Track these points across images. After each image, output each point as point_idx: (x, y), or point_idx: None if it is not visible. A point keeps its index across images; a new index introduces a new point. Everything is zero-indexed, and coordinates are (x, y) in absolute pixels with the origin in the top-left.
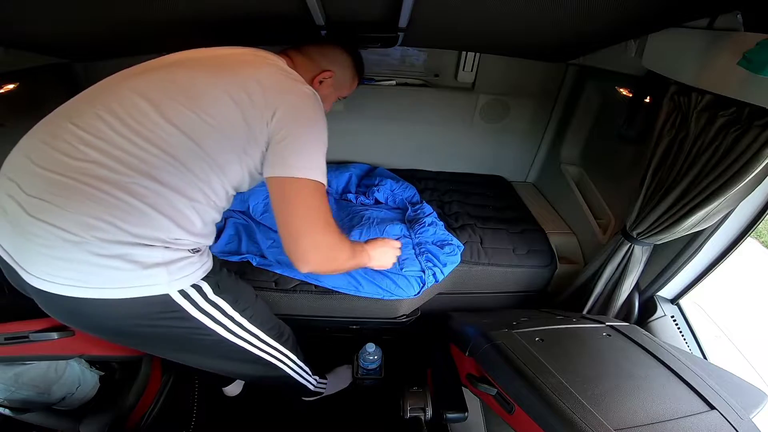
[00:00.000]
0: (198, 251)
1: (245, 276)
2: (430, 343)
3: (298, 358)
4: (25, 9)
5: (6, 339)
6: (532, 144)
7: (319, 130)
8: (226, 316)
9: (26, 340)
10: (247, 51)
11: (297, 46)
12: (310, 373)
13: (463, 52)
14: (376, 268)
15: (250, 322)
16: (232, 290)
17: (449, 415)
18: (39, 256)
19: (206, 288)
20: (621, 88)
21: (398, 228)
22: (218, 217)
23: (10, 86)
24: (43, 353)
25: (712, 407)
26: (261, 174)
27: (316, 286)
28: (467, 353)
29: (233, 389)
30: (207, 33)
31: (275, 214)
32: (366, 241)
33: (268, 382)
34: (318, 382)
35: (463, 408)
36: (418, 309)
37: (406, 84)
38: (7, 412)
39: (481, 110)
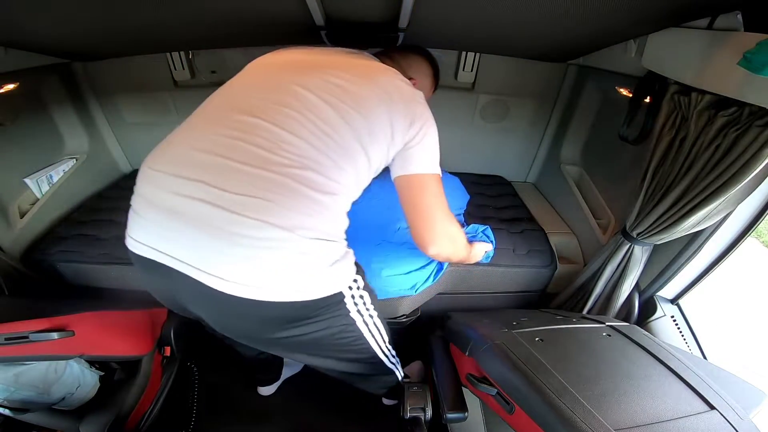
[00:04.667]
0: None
1: None
2: (430, 343)
3: (395, 356)
4: (26, 10)
5: (6, 339)
6: (532, 144)
7: (436, 129)
8: (367, 311)
9: (26, 340)
10: (365, 57)
11: (385, 52)
12: (400, 369)
13: (463, 52)
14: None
15: (378, 319)
16: (368, 285)
17: (449, 415)
18: (239, 257)
19: (360, 281)
20: (621, 88)
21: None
22: None
23: (10, 86)
24: (43, 353)
25: (712, 407)
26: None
27: None
28: (467, 353)
29: (268, 390)
30: (208, 33)
31: (406, 207)
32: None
33: (365, 381)
34: (402, 378)
35: (463, 408)
36: (418, 309)
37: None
38: (6, 412)
39: (481, 110)
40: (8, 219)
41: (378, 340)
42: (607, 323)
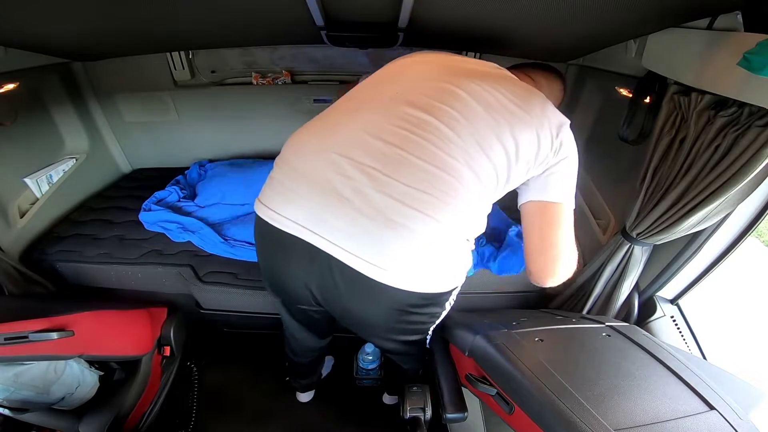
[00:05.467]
0: None
1: (241, 275)
2: (429, 343)
3: None
4: (26, 10)
5: (6, 339)
6: None
7: (577, 160)
8: (453, 302)
9: (26, 340)
10: (509, 72)
11: (523, 68)
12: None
13: (463, 52)
14: None
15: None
16: None
17: (449, 415)
18: (400, 248)
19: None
20: (621, 88)
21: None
22: None
23: (11, 86)
24: (43, 353)
25: (712, 407)
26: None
27: None
28: (467, 353)
29: (307, 396)
30: (208, 33)
31: (533, 235)
32: None
33: (407, 359)
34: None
35: (462, 408)
36: None
37: None
38: (6, 412)
39: None
40: (8, 219)
41: (434, 326)
42: (606, 323)
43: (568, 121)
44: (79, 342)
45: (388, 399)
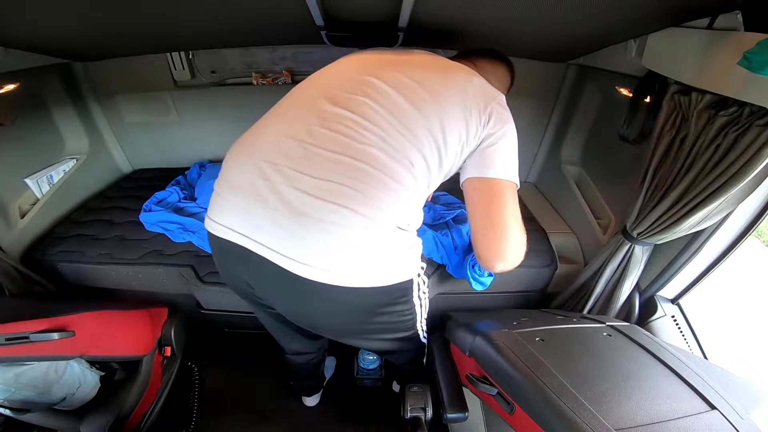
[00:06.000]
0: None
1: None
2: (430, 343)
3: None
4: (25, 10)
5: (6, 339)
6: (532, 144)
7: (516, 136)
8: (424, 295)
9: (26, 340)
10: (444, 58)
11: (463, 54)
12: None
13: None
14: None
15: (427, 299)
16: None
17: (449, 415)
18: (323, 243)
19: (425, 268)
20: (621, 88)
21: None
22: None
23: (10, 86)
24: (44, 354)
25: (713, 407)
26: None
27: None
28: (467, 353)
29: (314, 400)
30: (208, 33)
31: (475, 214)
32: None
33: (398, 355)
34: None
35: (463, 408)
36: None
37: None
38: (7, 412)
39: None
40: (8, 219)
41: (422, 317)
42: (607, 323)
43: (499, 95)
44: (79, 342)
45: (397, 387)
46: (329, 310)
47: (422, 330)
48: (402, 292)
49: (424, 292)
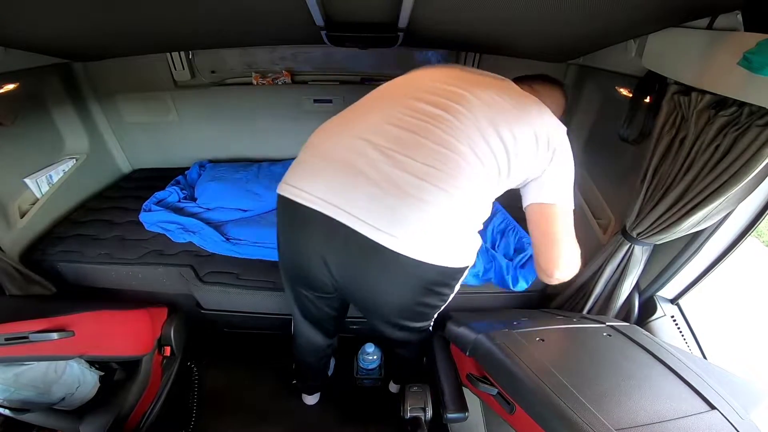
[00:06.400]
0: None
1: (242, 275)
2: (430, 343)
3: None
4: (25, 10)
5: (6, 339)
6: None
7: (573, 166)
8: (459, 287)
9: (26, 340)
10: (512, 84)
11: (524, 80)
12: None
13: (463, 52)
14: None
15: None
16: None
17: (449, 415)
18: (415, 219)
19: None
20: (621, 88)
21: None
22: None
23: (10, 86)
24: (43, 354)
25: (713, 407)
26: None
27: None
28: (468, 353)
29: (314, 399)
30: (208, 33)
31: (536, 233)
32: None
33: (408, 347)
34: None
35: (463, 408)
36: None
37: None
38: (7, 412)
39: None
40: (8, 219)
41: (438, 311)
42: (607, 323)
43: (564, 128)
44: (79, 342)
45: (394, 387)
46: (395, 283)
47: (432, 322)
48: (455, 276)
49: (460, 285)
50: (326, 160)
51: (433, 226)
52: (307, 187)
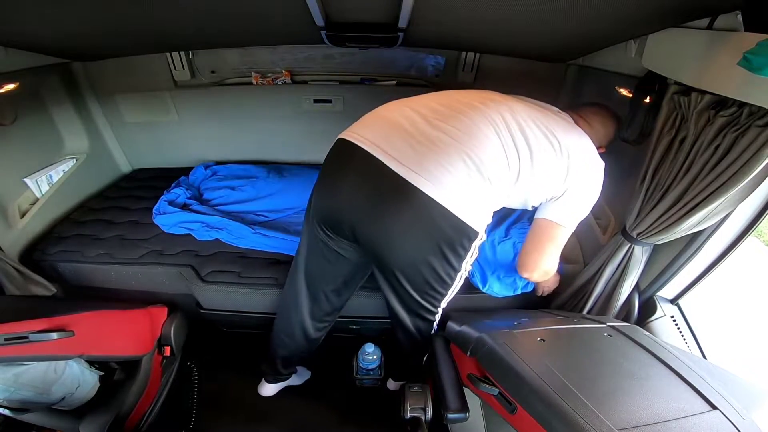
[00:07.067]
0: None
1: (244, 273)
2: (431, 343)
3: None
4: (25, 11)
5: (6, 339)
6: None
7: (594, 199)
8: (469, 266)
9: (26, 340)
10: (557, 113)
11: (576, 110)
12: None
13: (463, 52)
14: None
15: (461, 285)
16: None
17: (450, 415)
18: (441, 165)
19: (484, 238)
20: (621, 88)
21: None
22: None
23: (11, 86)
24: (43, 354)
25: (714, 407)
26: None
27: None
28: (468, 353)
29: (270, 390)
30: (208, 33)
31: (531, 238)
32: None
33: (410, 339)
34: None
35: (464, 408)
36: None
37: (406, 84)
38: (6, 412)
39: None
40: (8, 219)
41: (450, 297)
42: (607, 323)
43: (599, 165)
44: (79, 342)
45: (392, 385)
46: (412, 223)
47: (438, 317)
48: (466, 238)
49: (470, 265)
50: (381, 119)
51: (454, 176)
52: (360, 131)
